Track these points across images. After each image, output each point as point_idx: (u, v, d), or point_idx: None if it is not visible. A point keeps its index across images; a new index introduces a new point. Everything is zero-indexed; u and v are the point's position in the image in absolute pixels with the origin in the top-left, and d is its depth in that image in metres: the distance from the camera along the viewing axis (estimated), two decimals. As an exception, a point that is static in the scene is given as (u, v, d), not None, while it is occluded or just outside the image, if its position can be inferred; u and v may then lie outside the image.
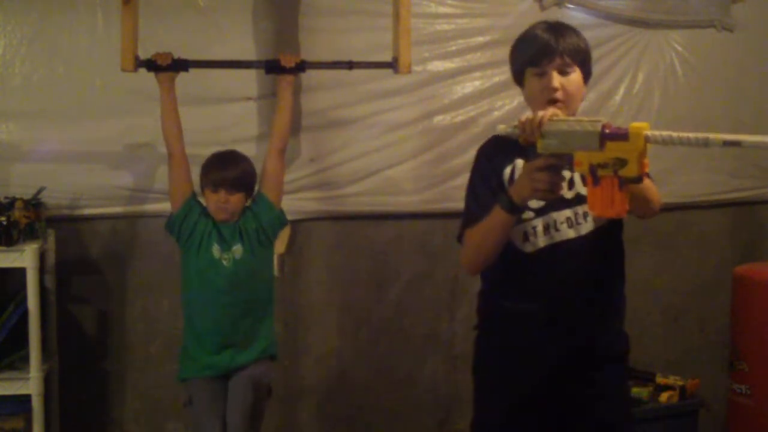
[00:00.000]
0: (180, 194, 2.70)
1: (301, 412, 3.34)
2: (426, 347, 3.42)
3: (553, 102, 1.92)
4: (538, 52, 1.94)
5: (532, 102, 1.99)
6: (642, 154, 1.67)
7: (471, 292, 3.43)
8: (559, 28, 1.97)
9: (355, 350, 3.36)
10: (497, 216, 1.89)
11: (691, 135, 1.62)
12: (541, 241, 1.97)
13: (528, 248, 1.98)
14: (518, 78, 2.03)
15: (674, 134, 1.63)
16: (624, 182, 1.69)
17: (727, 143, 1.60)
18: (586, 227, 1.96)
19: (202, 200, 2.75)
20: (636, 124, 1.67)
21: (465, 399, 3.50)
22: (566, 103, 1.94)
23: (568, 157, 1.75)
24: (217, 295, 2.67)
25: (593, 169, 1.70)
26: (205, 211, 2.72)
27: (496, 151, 2.03)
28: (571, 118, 1.79)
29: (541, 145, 1.77)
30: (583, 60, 1.98)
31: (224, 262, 2.68)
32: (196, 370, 2.70)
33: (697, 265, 3.75)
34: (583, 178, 1.72)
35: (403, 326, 3.40)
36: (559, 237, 1.96)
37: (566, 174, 1.88)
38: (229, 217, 2.70)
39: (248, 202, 2.76)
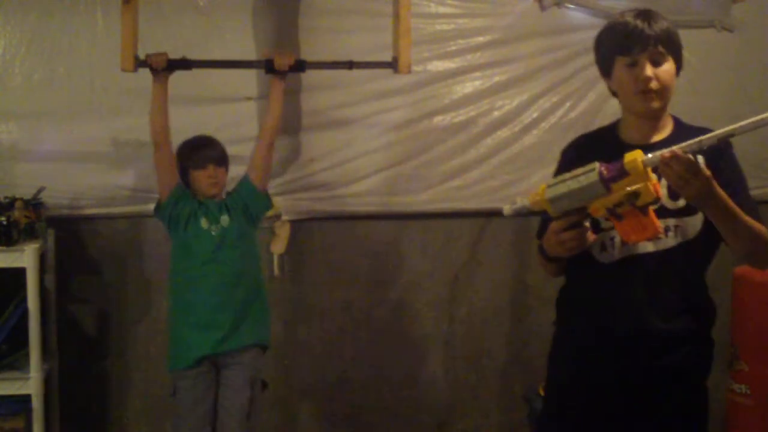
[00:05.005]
0: (169, 182, 2.74)
1: (301, 412, 3.34)
2: (426, 347, 3.42)
3: (646, 92, 1.82)
4: (629, 40, 1.82)
5: (623, 94, 1.88)
6: (648, 178, 1.66)
7: (471, 292, 3.47)
8: (650, 14, 1.85)
9: (355, 350, 3.36)
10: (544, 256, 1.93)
11: (684, 144, 1.65)
12: (618, 253, 1.87)
13: (605, 259, 1.89)
14: (606, 67, 1.90)
15: (665, 151, 1.65)
16: (645, 209, 1.70)
17: (721, 138, 1.64)
18: (667, 243, 1.84)
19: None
20: (629, 156, 1.66)
21: (465, 399, 3.51)
22: (660, 94, 1.84)
23: (583, 209, 1.76)
24: (203, 264, 2.70)
25: (612, 211, 1.72)
26: (190, 194, 2.77)
27: (580, 152, 1.93)
28: (566, 175, 1.74)
29: (552, 210, 1.77)
30: (676, 49, 1.86)
31: (212, 232, 2.73)
32: (183, 359, 2.71)
33: (697, 265, 3.74)
34: (613, 214, 1.72)
35: (403, 326, 3.40)
36: (636, 250, 1.85)
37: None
38: (219, 191, 2.78)
39: (232, 187, 2.84)
